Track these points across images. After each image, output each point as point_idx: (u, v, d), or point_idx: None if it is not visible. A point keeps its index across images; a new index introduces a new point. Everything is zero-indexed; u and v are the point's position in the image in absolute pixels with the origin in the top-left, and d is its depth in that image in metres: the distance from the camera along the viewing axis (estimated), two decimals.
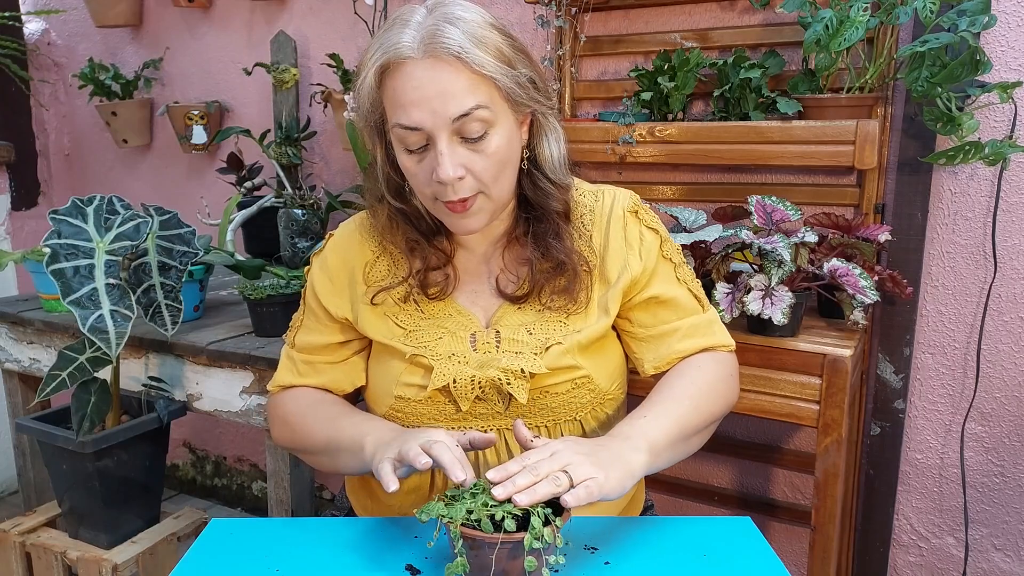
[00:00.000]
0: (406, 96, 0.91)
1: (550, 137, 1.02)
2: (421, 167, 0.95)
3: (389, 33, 0.92)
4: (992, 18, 1.36)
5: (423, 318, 1.05)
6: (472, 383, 1.00)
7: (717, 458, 1.92)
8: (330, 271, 1.09)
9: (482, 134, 0.93)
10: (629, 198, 1.10)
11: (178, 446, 2.78)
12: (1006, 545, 1.68)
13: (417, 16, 0.92)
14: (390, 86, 0.92)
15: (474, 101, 0.91)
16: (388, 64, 0.91)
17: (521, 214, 1.06)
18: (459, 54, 0.89)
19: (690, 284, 1.10)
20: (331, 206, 2.08)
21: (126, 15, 2.50)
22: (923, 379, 1.69)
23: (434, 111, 0.90)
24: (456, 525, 0.76)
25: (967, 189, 1.59)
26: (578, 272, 1.03)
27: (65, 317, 1.75)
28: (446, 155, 0.91)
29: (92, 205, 1.42)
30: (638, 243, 1.07)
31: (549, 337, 1.02)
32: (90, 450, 1.47)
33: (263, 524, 0.99)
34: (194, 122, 2.40)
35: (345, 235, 1.12)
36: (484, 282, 1.08)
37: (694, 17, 1.77)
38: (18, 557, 1.63)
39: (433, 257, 1.05)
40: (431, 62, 0.89)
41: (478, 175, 0.94)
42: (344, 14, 2.12)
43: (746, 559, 0.88)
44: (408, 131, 0.92)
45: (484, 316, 1.06)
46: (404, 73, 0.90)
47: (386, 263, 1.08)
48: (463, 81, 0.90)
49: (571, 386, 1.02)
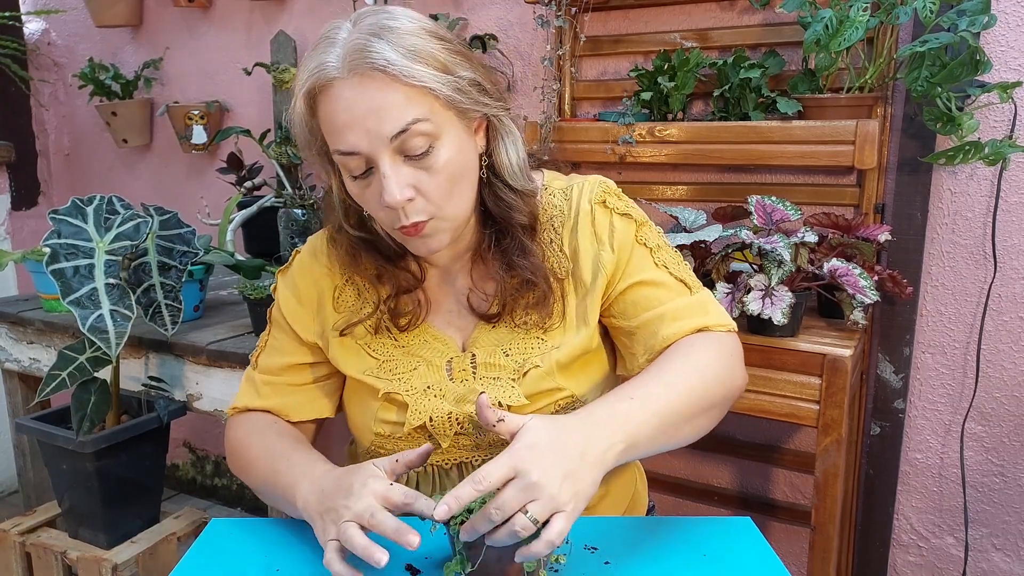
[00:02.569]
0: (338, 119, 0.84)
1: (506, 141, 0.94)
2: (369, 192, 0.88)
3: (314, 54, 0.86)
4: (992, 18, 1.36)
5: (396, 346, 1.00)
6: (449, 420, 0.95)
7: (717, 458, 1.92)
8: (299, 293, 1.04)
9: (426, 149, 0.85)
10: (598, 186, 1.01)
11: (178, 446, 2.78)
12: (1006, 545, 1.68)
13: (343, 33, 0.85)
14: (322, 111, 0.86)
15: (411, 115, 0.83)
16: (314, 88, 0.85)
17: (486, 228, 0.98)
18: (385, 67, 0.82)
19: (672, 267, 1.00)
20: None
21: (126, 15, 2.50)
22: (923, 379, 1.69)
23: (368, 131, 0.83)
24: (456, 525, 0.76)
25: (967, 189, 1.59)
26: (548, 288, 0.96)
27: (65, 317, 1.75)
28: (390, 177, 0.84)
29: (92, 205, 1.42)
30: (608, 235, 0.98)
31: (527, 359, 0.96)
32: (90, 450, 1.47)
33: (263, 524, 0.99)
34: (194, 122, 2.40)
35: (312, 256, 1.05)
36: (458, 300, 1.02)
37: (694, 17, 1.77)
38: (18, 557, 1.63)
39: (403, 281, 0.99)
40: (357, 80, 0.82)
41: (429, 195, 0.87)
42: (344, 14, 2.12)
43: (746, 559, 0.88)
44: (347, 156, 0.86)
45: (460, 338, 1.01)
46: (332, 96, 0.84)
47: (355, 289, 1.02)
48: (395, 96, 0.83)
49: (555, 408, 0.96)
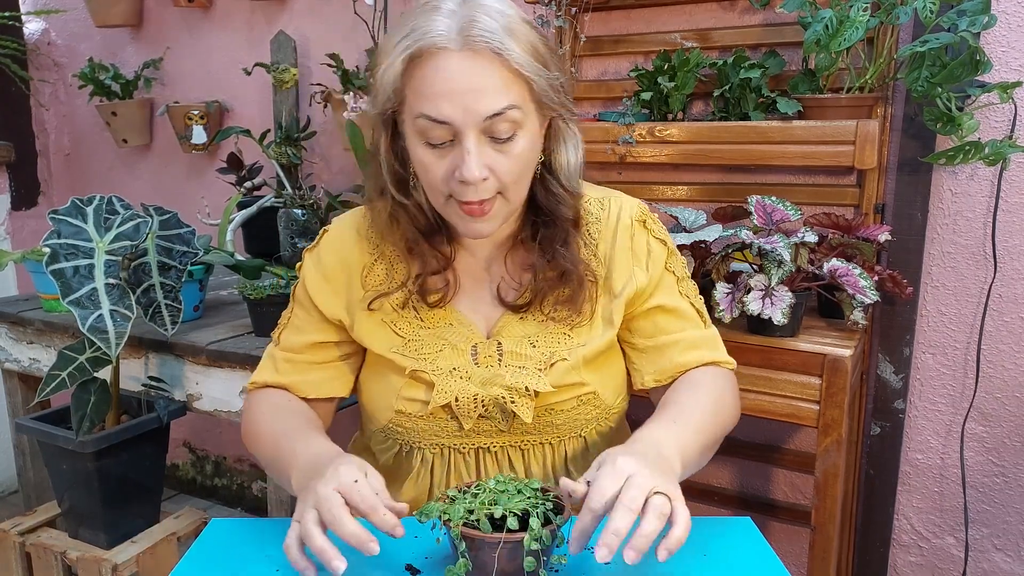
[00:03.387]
0: (437, 88, 0.85)
1: (568, 144, 0.98)
2: (441, 163, 0.89)
3: (420, 19, 0.86)
4: (992, 18, 1.36)
5: (422, 326, 1.01)
6: (475, 401, 0.97)
7: (717, 458, 1.89)
8: (326, 270, 1.04)
9: (510, 135, 0.88)
10: (637, 207, 1.06)
11: (178, 446, 2.78)
12: (1006, 545, 1.68)
13: (449, 4, 0.87)
14: (419, 75, 0.86)
15: (508, 100, 0.86)
16: (421, 52, 0.85)
17: (529, 218, 1.01)
18: (499, 49, 0.84)
19: (692, 299, 1.06)
20: (331, 206, 2.08)
21: (126, 15, 2.50)
22: (923, 379, 1.69)
23: (466, 107, 0.85)
24: (456, 525, 0.76)
25: (967, 189, 1.59)
26: (583, 282, 0.99)
27: (65, 317, 1.75)
28: (473, 154, 0.86)
29: (92, 205, 1.42)
30: (645, 255, 1.03)
31: (554, 352, 0.99)
32: (90, 450, 1.47)
33: (263, 524, 0.99)
34: (194, 122, 2.40)
35: (341, 233, 1.05)
36: (485, 288, 1.03)
37: (694, 17, 1.77)
38: (18, 557, 1.63)
39: (433, 260, 0.99)
40: (468, 55, 0.84)
41: (501, 177, 0.89)
42: (344, 14, 2.12)
43: (746, 559, 0.88)
44: (434, 124, 0.86)
45: (485, 326, 1.02)
46: (437, 64, 0.85)
47: (384, 267, 1.03)
48: (499, 78, 0.85)
49: (576, 403, 1.00)
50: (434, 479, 1.02)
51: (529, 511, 0.77)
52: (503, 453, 1.01)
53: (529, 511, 0.77)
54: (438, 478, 1.02)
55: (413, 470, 1.03)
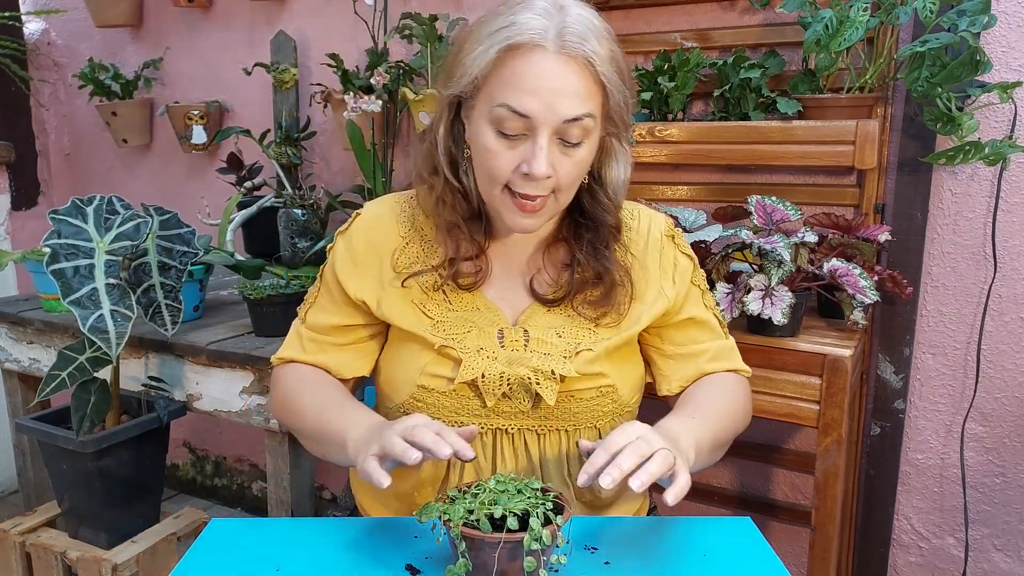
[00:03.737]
0: (527, 83, 0.89)
1: (620, 160, 1.03)
2: (508, 154, 0.93)
3: (518, 15, 0.90)
4: (992, 18, 1.36)
5: (451, 309, 1.03)
6: (501, 379, 0.99)
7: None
8: (356, 252, 1.06)
9: (578, 142, 0.93)
10: (665, 222, 1.12)
11: (178, 446, 2.78)
12: (1006, 545, 1.68)
13: (545, 5, 0.91)
14: (510, 66, 0.90)
15: (587, 108, 0.91)
16: (519, 45, 0.89)
17: (572, 218, 1.06)
18: (591, 59, 0.89)
19: (714, 310, 1.13)
20: (331, 206, 2.08)
21: (126, 15, 2.50)
22: (923, 379, 1.69)
23: (549, 106, 0.89)
24: (456, 525, 0.76)
25: (967, 189, 1.59)
26: (617, 285, 1.03)
27: (65, 317, 1.75)
28: (544, 151, 0.91)
29: (92, 205, 1.42)
30: (672, 269, 1.09)
31: (579, 342, 1.02)
32: (90, 450, 1.47)
33: (263, 524, 0.99)
34: (194, 122, 2.40)
35: (374, 217, 1.08)
36: (517, 280, 1.07)
37: (694, 17, 1.77)
38: (18, 557, 1.63)
39: (468, 246, 1.03)
40: (562, 58, 0.89)
41: (560, 179, 0.94)
42: (344, 14, 2.12)
43: (746, 559, 0.88)
44: (514, 115, 0.90)
45: (512, 314, 1.05)
46: (531, 59, 0.89)
47: (416, 249, 1.06)
48: (584, 86, 0.90)
49: (596, 393, 1.03)
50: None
51: (529, 511, 0.78)
52: (520, 436, 1.03)
53: (529, 511, 0.78)
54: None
55: None
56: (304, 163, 2.31)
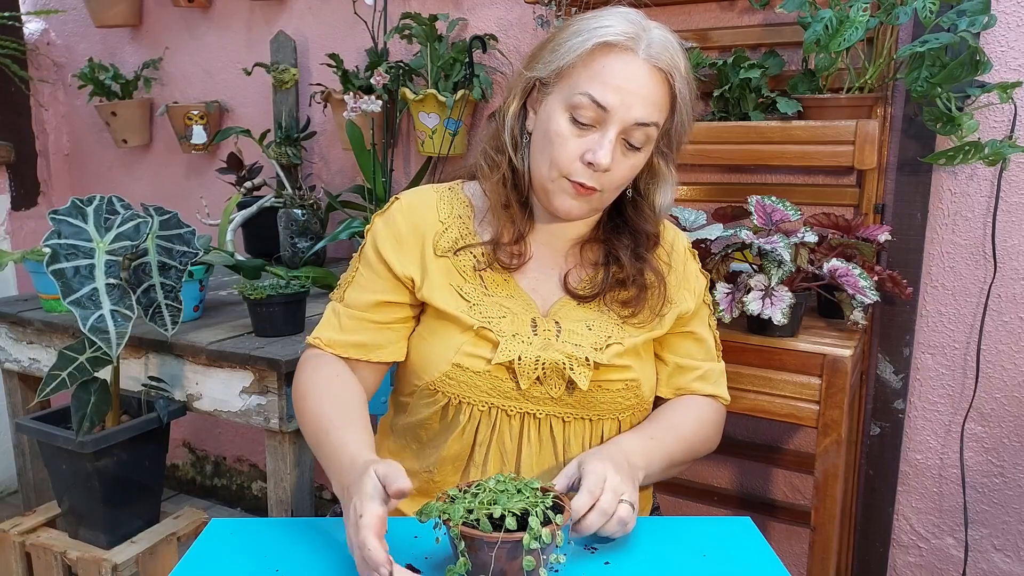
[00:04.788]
0: (614, 78, 0.96)
1: (667, 184, 1.08)
2: (576, 141, 0.98)
3: (615, 20, 0.98)
4: (992, 18, 1.36)
5: (486, 295, 1.06)
6: (536, 363, 1.02)
7: (717, 458, 1.92)
8: (399, 230, 1.08)
9: (638, 147, 0.99)
10: (686, 238, 1.19)
11: (178, 446, 2.78)
12: (1006, 545, 1.68)
13: (635, 16, 1.00)
14: (601, 61, 0.97)
15: (656, 117, 0.98)
16: (616, 44, 0.96)
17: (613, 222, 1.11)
18: (672, 76, 0.98)
19: (714, 331, 1.18)
20: (331, 206, 2.08)
21: (126, 15, 2.50)
22: (923, 379, 1.69)
23: (627, 104, 0.96)
24: (456, 525, 0.76)
25: (967, 189, 1.59)
26: (649, 287, 1.08)
27: (65, 317, 1.75)
28: (611, 144, 0.96)
29: (92, 205, 1.42)
30: (694, 281, 1.15)
31: (610, 336, 1.05)
32: (90, 450, 1.47)
33: (263, 524, 0.99)
34: (194, 122, 2.40)
35: (414, 201, 1.11)
36: (552, 272, 1.10)
37: (694, 17, 1.77)
38: (18, 557, 1.62)
39: (512, 227, 1.07)
40: (649, 67, 0.96)
41: (613, 176, 1.00)
42: (344, 14, 2.12)
43: (746, 559, 0.88)
44: (593, 105, 0.96)
45: (543, 305, 1.08)
46: (623, 60, 0.96)
47: (455, 234, 1.08)
48: (659, 97, 0.98)
49: (622, 386, 1.06)
50: (478, 437, 1.05)
51: (528, 510, 0.78)
52: (546, 422, 1.05)
53: (528, 510, 0.78)
54: (482, 436, 1.05)
55: (459, 426, 1.05)
56: (304, 163, 2.31)
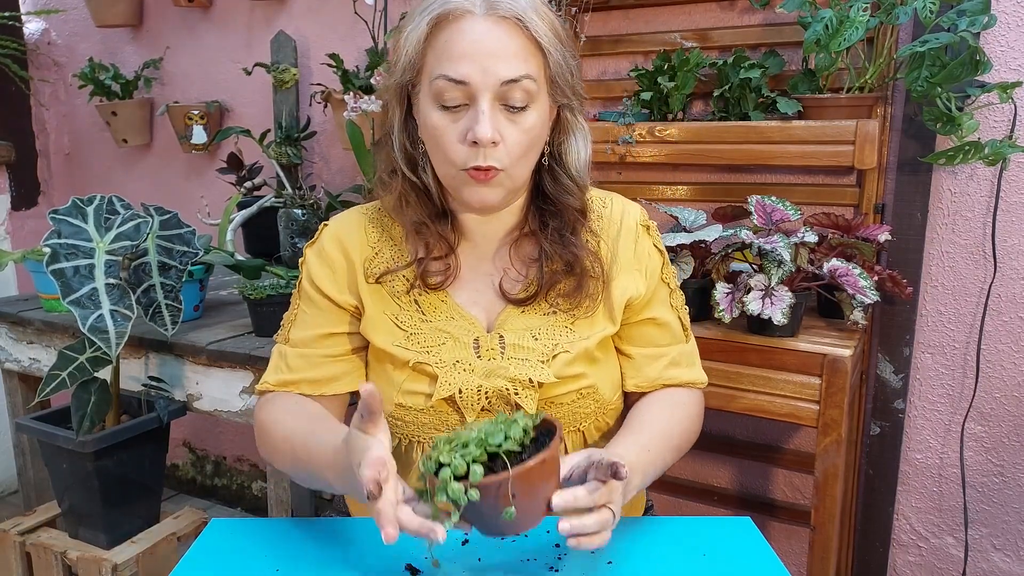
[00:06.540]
0: (459, 48, 0.88)
1: (577, 136, 1.00)
2: (453, 128, 0.90)
3: None
4: (992, 18, 1.36)
5: (423, 319, 1.00)
6: (479, 393, 0.97)
7: (717, 458, 1.92)
8: (330, 260, 1.03)
9: (524, 106, 0.90)
10: (640, 211, 1.08)
11: (178, 446, 2.78)
12: (1006, 545, 1.68)
13: None
14: (442, 38, 0.89)
15: (526, 69, 0.89)
16: (447, 15, 0.88)
17: (536, 208, 1.02)
18: (521, 17, 0.88)
19: (680, 311, 1.09)
20: (331, 206, 2.08)
21: (126, 15, 2.50)
22: (923, 379, 1.69)
23: (485, 69, 0.88)
24: (473, 480, 0.73)
25: (967, 189, 1.59)
26: (588, 273, 1.00)
27: (65, 317, 1.75)
28: (486, 114, 0.88)
29: (92, 205, 1.42)
30: (646, 260, 1.05)
31: (556, 344, 0.99)
32: (90, 450, 1.47)
33: (263, 524, 0.99)
34: (194, 122, 2.40)
35: (342, 227, 1.05)
36: (487, 281, 1.03)
37: (694, 17, 1.77)
38: (18, 557, 1.63)
39: (435, 243, 1.00)
40: (492, 20, 0.88)
41: (509, 146, 0.91)
42: (344, 14, 2.12)
43: (746, 559, 0.88)
44: (452, 84, 0.88)
45: (486, 319, 1.02)
46: (461, 27, 0.88)
47: (387, 256, 1.02)
48: (519, 45, 0.89)
49: (576, 396, 1.00)
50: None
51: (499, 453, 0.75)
52: None
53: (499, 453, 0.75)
54: None
55: (414, 464, 1.02)
56: (304, 163, 2.31)
